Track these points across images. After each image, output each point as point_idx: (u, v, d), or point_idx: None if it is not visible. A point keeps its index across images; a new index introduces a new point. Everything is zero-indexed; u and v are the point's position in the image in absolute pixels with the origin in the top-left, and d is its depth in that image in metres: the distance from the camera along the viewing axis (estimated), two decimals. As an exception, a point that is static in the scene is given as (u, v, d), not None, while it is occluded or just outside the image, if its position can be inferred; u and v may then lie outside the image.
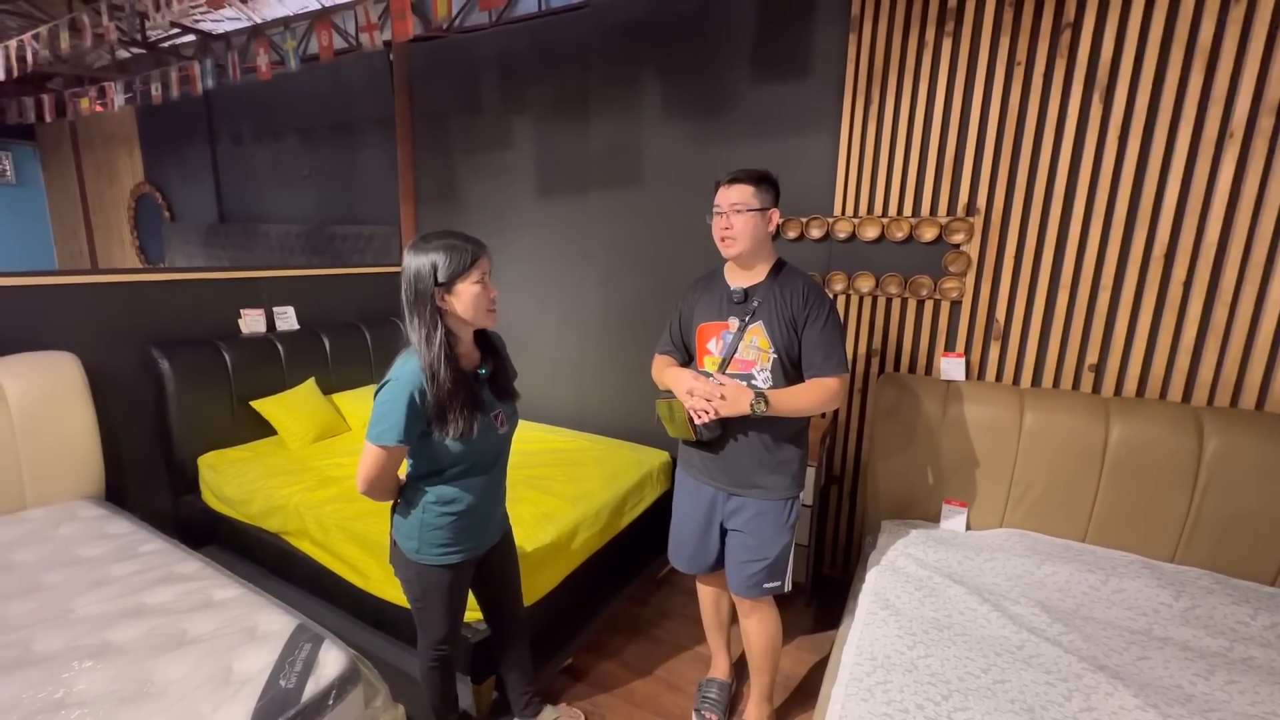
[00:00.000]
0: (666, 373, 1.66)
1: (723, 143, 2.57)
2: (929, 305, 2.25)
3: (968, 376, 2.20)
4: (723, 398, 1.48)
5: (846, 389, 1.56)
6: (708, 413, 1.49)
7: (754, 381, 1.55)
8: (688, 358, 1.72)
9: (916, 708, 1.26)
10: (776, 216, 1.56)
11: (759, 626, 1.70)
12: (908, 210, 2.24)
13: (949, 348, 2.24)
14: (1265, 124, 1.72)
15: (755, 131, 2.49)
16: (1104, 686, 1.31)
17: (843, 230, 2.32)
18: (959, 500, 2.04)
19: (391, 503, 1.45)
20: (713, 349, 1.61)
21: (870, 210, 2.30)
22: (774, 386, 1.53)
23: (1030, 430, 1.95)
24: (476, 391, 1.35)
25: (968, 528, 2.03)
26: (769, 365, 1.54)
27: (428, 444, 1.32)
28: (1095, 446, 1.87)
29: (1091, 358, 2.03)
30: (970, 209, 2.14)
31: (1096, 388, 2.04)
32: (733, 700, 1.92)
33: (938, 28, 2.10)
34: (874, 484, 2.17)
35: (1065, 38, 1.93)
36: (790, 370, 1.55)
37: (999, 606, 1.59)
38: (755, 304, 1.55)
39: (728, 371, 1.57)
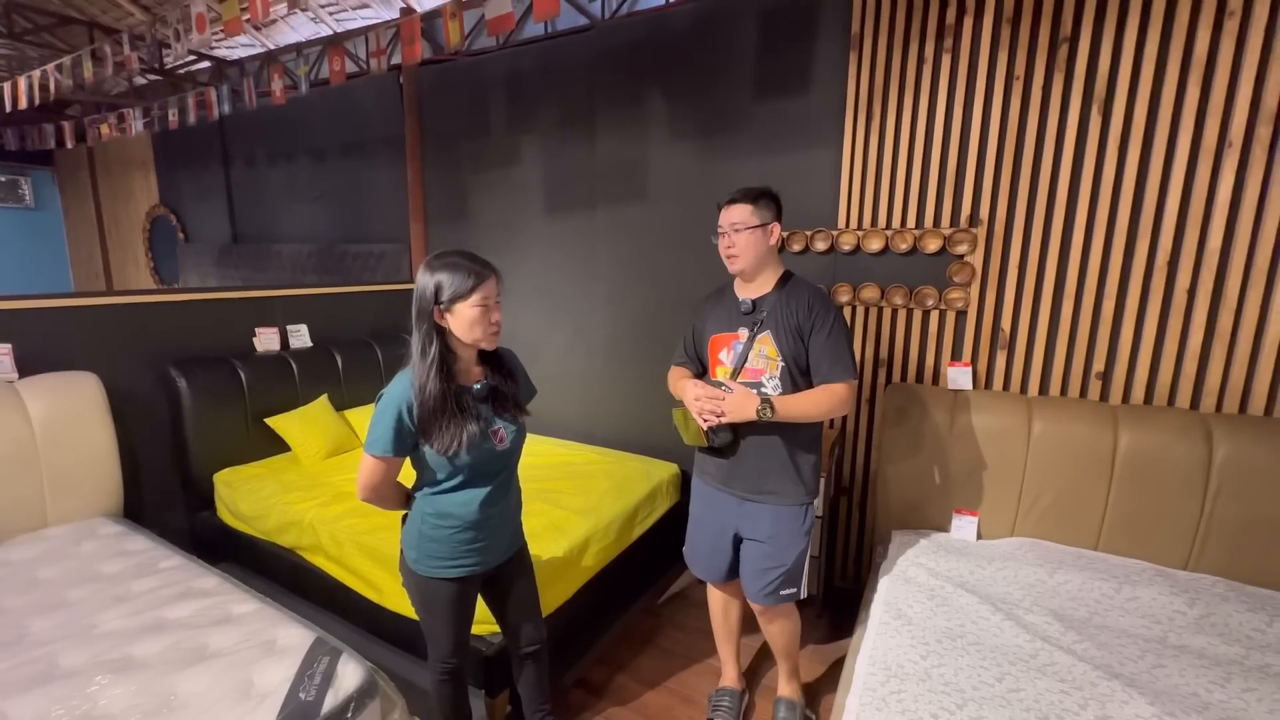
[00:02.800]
0: (678, 384, 1.72)
1: (727, 159, 2.62)
2: (935, 315, 2.27)
3: (975, 386, 2.21)
4: (724, 402, 1.53)
5: (855, 395, 1.60)
6: (716, 417, 1.55)
7: (764, 389, 1.59)
8: (701, 369, 1.78)
9: (931, 716, 1.27)
10: (777, 230, 1.62)
11: (780, 630, 1.77)
12: (911, 222, 2.27)
13: (955, 357, 2.26)
14: (1263, 132, 1.75)
15: (759, 148, 2.53)
16: (1119, 695, 1.30)
17: (847, 243, 2.35)
18: (969, 509, 2.05)
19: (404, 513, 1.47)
20: (724, 359, 1.66)
21: (874, 223, 2.33)
22: (783, 393, 1.57)
23: (1039, 438, 1.96)
24: (468, 406, 1.35)
25: (978, 537, 2.03)
26: (777, 373, 1.58)
27: (420, 456, 1.36)
28: (1104, 454, 1.87)
29: (1098, 365, 2.04)
30: (973, 220, 2.16)
31: (1104, 395, 2.04)
32: (745, 709, 1.92)
33: (937, 44, 2.14)
34: (884, 494, 2.18)
35: (1063, 52, 1.96)
36: (799, 378, 1.59)
37: (1012, 615, 1.59)
38: (763, 314, 1.60)
39: (739, 380, 1.61)
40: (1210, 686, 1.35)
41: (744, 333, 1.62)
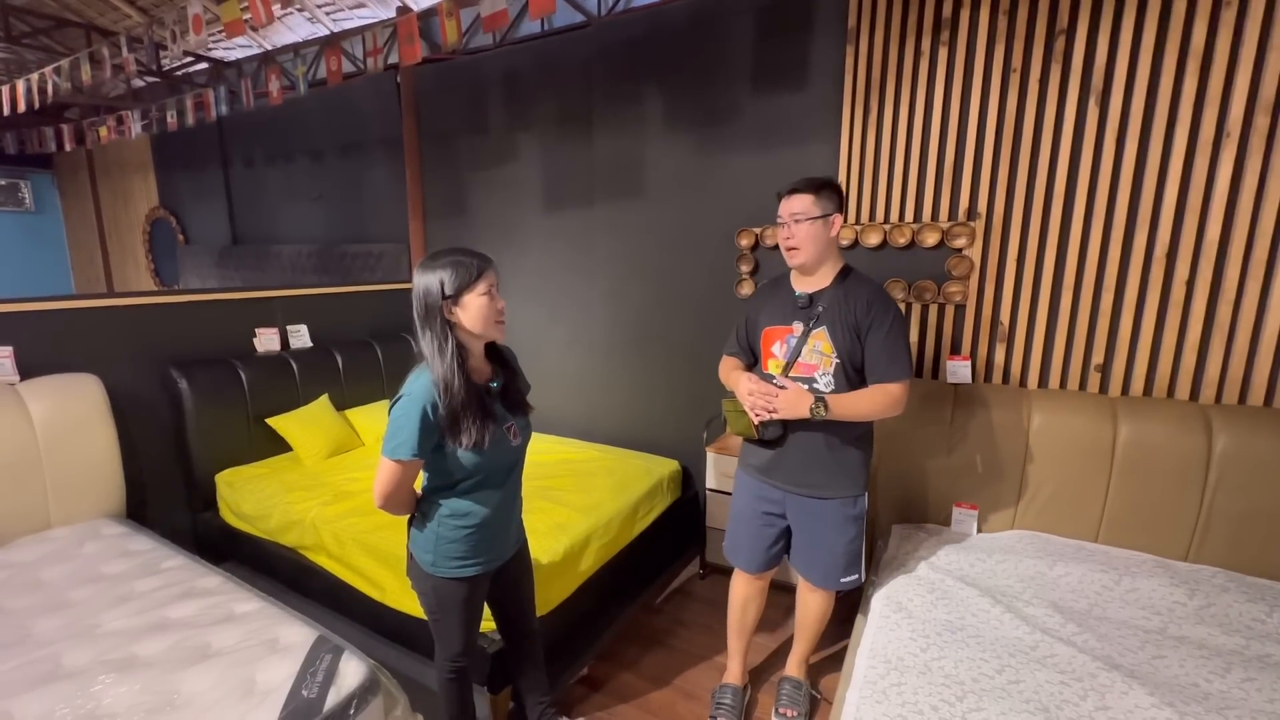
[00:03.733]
0: (730, 375, 1.71)
1: (725, 155, 2.61)
2: (934, 309, 2.27)
3: (974, 379, 2.21)
4: (778, 399, 1.53)
5: (909, 394, 1.58)
6: (769, 412, 1.54)
7: (816, 385, 1.58)
8: (753, 360, 1.77)
9: (931, 709, 1.27)
10: (839, 222, 1.59)
11: (817, 604, 1.80)
12: (909, 216, 2.26)
13: (955, 351, 2.26)
14: (1261, 123, 1.74)
15: (757, 143, 2.53)
16: (1119, 685, 1.31)
17: (845, 238, 2.35)
18: (969, 503, 2.05)
19: (408, 517, 1.48)
20: (777, 352, 1.65)
21: (872, 217, 2.33)
22: (836, 390, 1.57)
23: (1038, 431, 1.96)
24: (488, 403, 1.38)
25: (978, 530, 2.03)
26: (831, 370, 1.57)
27: (441, 457, 1.35)
28: (1104, 446, 1.87)
29: (1097, 358, 2.04)
30: (971, 214, 2.16)
31: (1103, 388, 2.04)
32: (748, 706, 1.92)
33: (934, 37, 2.13)
34: (884, 488, 2.18)
35: (1060, 44, 1.96)
36: (853, 375, 1.58)
37: (1012, 608, 1.59)
38: (819, 309, 1.58)
39: (790, 375, 1.60)
40: (1210, 677, 1.36)
41: (798, 326, 1.60)
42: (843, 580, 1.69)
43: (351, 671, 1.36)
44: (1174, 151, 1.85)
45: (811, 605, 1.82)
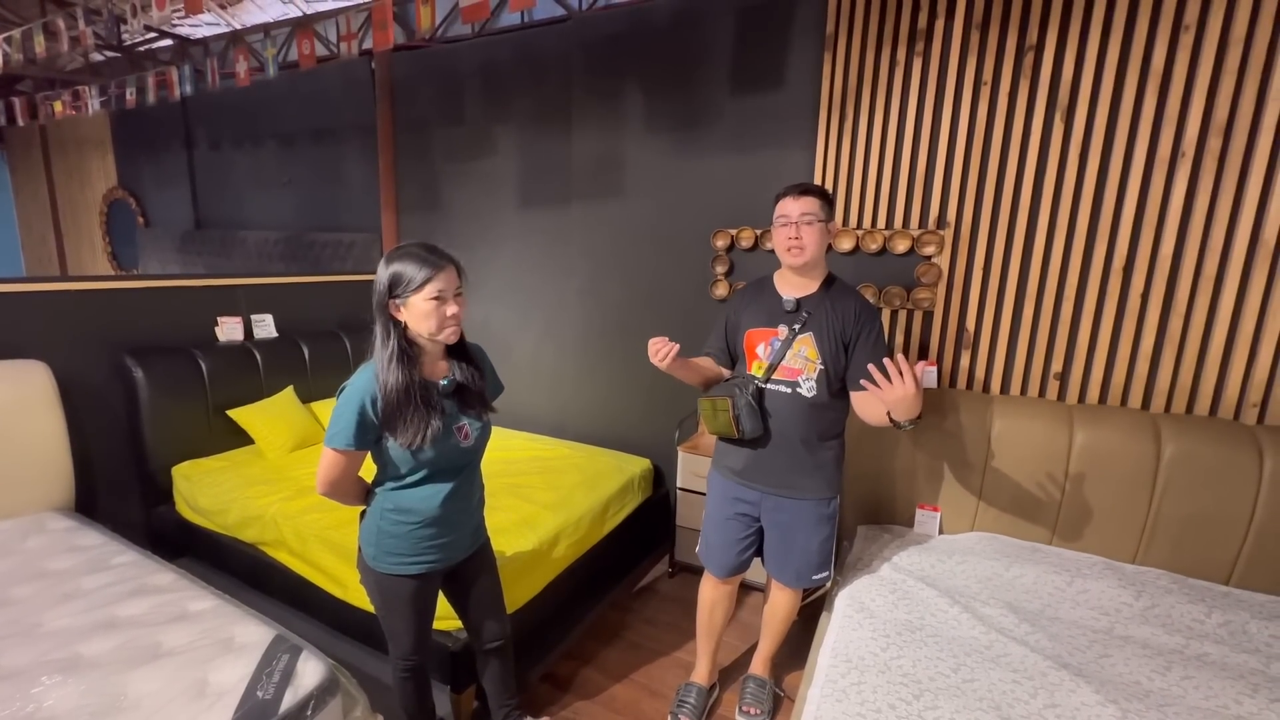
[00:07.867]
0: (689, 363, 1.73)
1: (703, 157, 2.62)
2: (902, 315, 2.31)
3: (939, 384, 2.26)
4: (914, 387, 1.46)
5: None
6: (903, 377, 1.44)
7: (799, 390, 1.60)
8: (732, 362, 1.78)
9: (889, 707, 1.30)
10: (835, 229, 1.61)
11: (787, 601, 1.82)
12: (881, 223, 2.30)
13: (921, 356, 2.31)
14: (1214, 144, 1.81)
15: (734, 145, 2.54)
16: (1067, 684, 1.35)
17: (819, 241, 2.38)
18: (931, 505, 2.10)
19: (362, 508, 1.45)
20: (761, 354, 1.66)
21: (845, 223, 2.36)
22: (818, 396, 1.59)
23: (999, 436, 2.01)
24: (433, 401, 1.33)
25: (940, 531, 2.08)
26: (814, 375, 1.59)
27: (382, 450, 1.34)
28: (1060, 452, 1.93)
29: (1056, 366, 2.10)
30: (941, 222, 2.21)
31: (1061, 395, 2.11)
32: (711, 706, 1.94)
33: (909, 48, 2.17)
34: (850, 490, 2.21)
35: (1029, 60, 2.01)
36: (833, 381, 1.61)
37: (969, 608, 1.64)
38: (805, 315, 1.60)
39: (774, 378, 1.62)
40: (1151, 675, 1.41)
41: (783, 330, 1.62)
42: (814, 578, 1.72)
43: (310, 671, 1.33)
44: (1133, 168, 1.92)
45: (780, 604, 1.84)
